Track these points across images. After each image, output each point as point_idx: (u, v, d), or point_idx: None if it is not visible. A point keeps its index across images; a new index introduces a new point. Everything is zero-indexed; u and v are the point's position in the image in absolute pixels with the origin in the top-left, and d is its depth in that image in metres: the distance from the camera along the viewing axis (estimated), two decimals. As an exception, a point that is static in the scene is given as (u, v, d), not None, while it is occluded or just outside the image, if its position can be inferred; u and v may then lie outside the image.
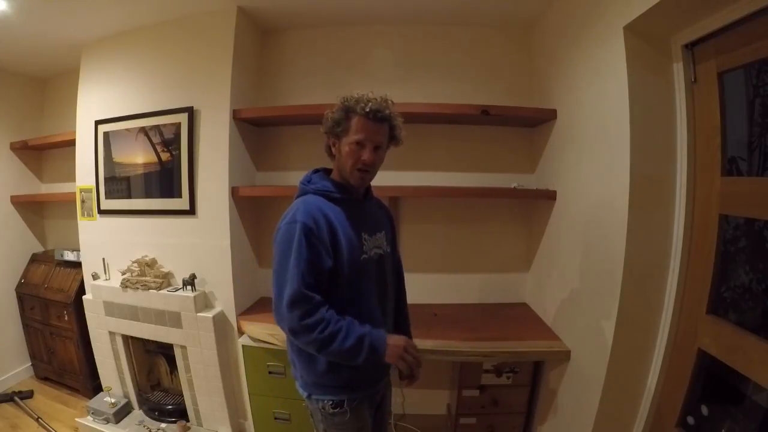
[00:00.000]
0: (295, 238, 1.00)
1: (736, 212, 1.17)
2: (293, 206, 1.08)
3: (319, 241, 1.02)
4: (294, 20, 2.09)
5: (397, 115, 1.11)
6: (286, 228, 1.03)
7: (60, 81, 2.67)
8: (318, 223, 1.02)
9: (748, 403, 1.13)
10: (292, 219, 1.03)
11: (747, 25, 1.04)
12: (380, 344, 1.02)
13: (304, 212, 1.03)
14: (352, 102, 1.05)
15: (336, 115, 1.07)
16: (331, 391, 1.12)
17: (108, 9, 1.86)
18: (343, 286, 1.07)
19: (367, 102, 1.04)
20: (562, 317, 1.76)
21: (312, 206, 1.05)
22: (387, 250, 1.22)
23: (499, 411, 1.83)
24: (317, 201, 1.07)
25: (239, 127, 1.98)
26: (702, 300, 1.22)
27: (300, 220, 1.01)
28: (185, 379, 2.07)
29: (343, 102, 1.06)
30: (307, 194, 1.11)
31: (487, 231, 2.20)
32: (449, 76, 2.12)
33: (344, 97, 1.07)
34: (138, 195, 2.08)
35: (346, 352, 0.99)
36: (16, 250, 2.68)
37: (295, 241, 1.00)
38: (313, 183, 1.12)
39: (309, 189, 1.11)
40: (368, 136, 1.06)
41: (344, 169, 1.10)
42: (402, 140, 1.16)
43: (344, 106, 1.06)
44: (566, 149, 1.75)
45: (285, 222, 1.04)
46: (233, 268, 1.95)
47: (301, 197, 1.11)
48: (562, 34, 1.74)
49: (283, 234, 1.03)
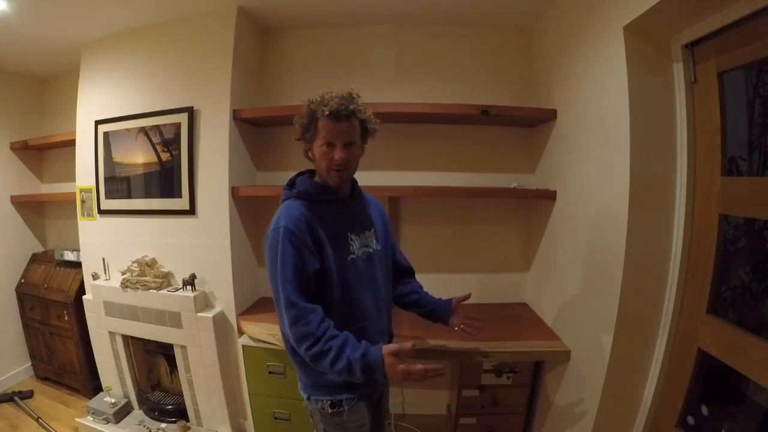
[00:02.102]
0: (279, 243, 1.02)
1: (736, 212, 1.17)
2: (277, 213, 1.10)
3: (302, 243, 1.03)
4: (294, 20, 2.09)
5: (364, 108, 1.09)
6: (272, 235, 1.05)
7: (60, 81, 2.67)
8: (299, 227, 1.04)
9: (748, 403, 1.13)
10: (275, 225, 1.05)
11: (747, 25, 1.04)
12: (376, 364, 0.98)
13: (285, 217, 1.05)
14: (315, 105, 1.04)
15: (303, 120, 1.08)
16: (329, 391, 1.12)
17: (108, 9, 1.86)
18: (333, 287, 1.07)
19: (329, 102, 1.02)
20: (562, 317, 1.76)
21: (294, 210, 1.07)
22: (377, 247, 1.21)
23: (499, 411, 1.83)
24: (298, 205, 1.09)
25: (239, 127, 1.98)
26: (702, 300, 1.22)
27: (282, 225, 1.03)
28: (185, 379, 2.07)
29: (309, 105, 1.06)
30: (290, 199, 1.12)
31: (487, 231, 2.20)
32: (449, 76, 2.12)
33: (309, 99, 1.06)
34: (138, 195, 2.08)
35: (338, 373, 0.99)
36: (16, 250, 2.68)
37: (280, 246, 1.02)
38: (296, 187, 1.14)
39: (291, 194, 1.13)
40: (336, 136, 1.04)
41: (321, 171, 1.11)
42: (374, 132, 1.15)
43: (309, 110, 1.06)
44: (566, 149, 1.75)
45: (270, 230, 1.07)
46: (233, 268, 1.95)
47: (284, 203, 1.13)
48: (562, 34, 1.74)
49: (269, 241, 1.06)
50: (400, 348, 0.99)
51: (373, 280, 1.18)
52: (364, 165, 2.15)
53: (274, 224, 1.07)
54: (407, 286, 1.41)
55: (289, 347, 1.13)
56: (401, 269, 1.42)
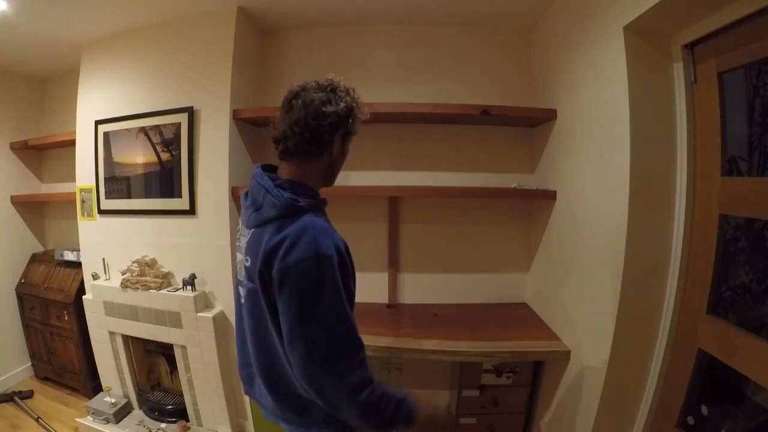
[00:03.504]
0: (328, 275, 0.81)
1: (736, 212, 1.17)
2: (300, 234, 0.82)
3: (347, 273, 0.87)
4: (294, 20, 2.09)
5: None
6: (317, 264, 0.80)
7: (60, 81, 2.67)
8: (345, 253, 0.87)
9: (748, 403, 1.13)
10: (314, 251, 0.80)
11: (747, 25, 1.04)
12: (412, 412, 0.92)
13: (328, 240, 0.83)
14: (358, 105, 0.94)
15: (359, 119, 0.94)
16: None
17: (108, 9, 1.86)
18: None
19: (362, 107, 0.95)
20: (562, 317, 1.76)
21: (329, 231, 0.87)
22: None
23: (499, 411, 1.83)
24: (322, 223, 0.88)
25: (239, 127, 1.98)
26: (702, 300, 1.22)
27: (333, 252, 0.82)
28: (185, 379, 2.07)
29: (360, 103, 0.94)
30: (306, 214, 0.87)
31: (487, 231, 2.20)
32: (449, 76, 2.12)
33: (354, 93, 0.94)
34: (138, 195, 2.08)
35: (383, 420, 0.86)
36: (16, 250, 2.68)
37: (329, 278, 0.81)
38: (303, 198, 0.88)
39: (304, 206, 0.87)
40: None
41: (338, 168, 0.99)
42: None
43: (351, 107, 0.92)
44: (566, 149, 1.75)
45: (308, 255, 0.80)
46: (233, 268, 1.95)
47: (298, 220, 0.85)
48: (562, 34, 1.74)
49: (310, 270, 0.80)
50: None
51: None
52: (365, 165, 2.19)
53: (309, 251, 0.80)
54: None
55: (336, 404, 0.86)
56: None
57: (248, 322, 0.97)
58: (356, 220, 2.15)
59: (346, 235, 0.92)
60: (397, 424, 0.89)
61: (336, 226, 0.94)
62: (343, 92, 0.91)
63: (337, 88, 0.91)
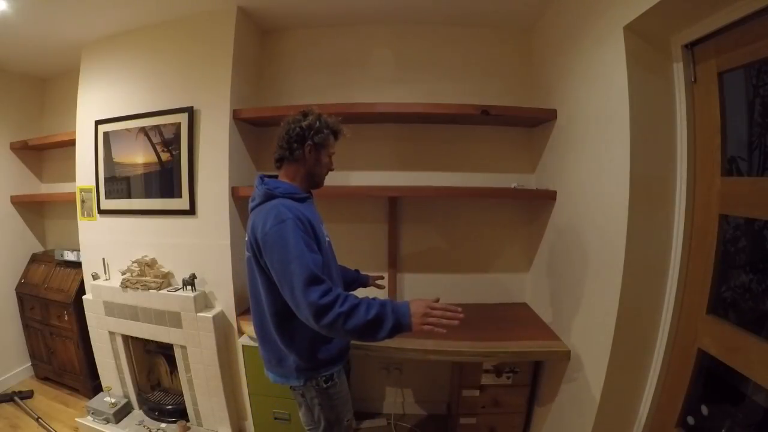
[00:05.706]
0: (289, 232, 1.09)
1: (736, 212, 1.17)
2: (269, 211, 1.14)
3: (307, 232, 1.14)
4: (294, 20, 2.09)
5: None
6: (278, 228, 1.09)
7: (60, 81, 2.67)
8: (302, 219, 1.14)
9: (748, 403, 1.13)
10: (279, 219, 1.11)
11: (747, 25, 1.04)
12: (403, 309, 1.07)
13: (285, 212, 1.12)
14: (333, 125, 1.27)
15: (324, 135, 1.25)
16: (323, 367, 1.24)
17: (108, 9, 1.86)
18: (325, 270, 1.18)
19: (340, 128, 1.30)
20: (561, 317, 1.76)
21: (291, 207, 1.16)
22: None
23: (499, 411, 1.83)
24: (288, 203, 1.18)
25: (239, 127, 1.98)
26: (702, 300, 1.22)
27: (290, 216, 1.11)
28: (185, 379, 2.07)
29: (325, 122, 1.26)
30: (276, 198, 1.19)
31: (487, 231, 2.20)
32: (449, 76, 2.12)
33: (320, 116, 1.26)
34: (138, 195, 2.08)
35: (371, 322, 1.03)
36: (16, 250, 2.68)
37: (290, 234, 1.08)
38: (280, 188, 1.22)
39: (277, 193, 1.20)
40: (335, 151, 1.34)
41: (318, 173, 1.30)
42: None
43: (330, 127, 1.27)
44: (566, 149, 1.75)
45: (272, 224, 1.10)
46: (233, 268, 1.95)
47: (271, 202, 1.19)
48: (562, 34, 1.74)
49: (276, 236, 1.09)
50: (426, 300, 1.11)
51: (335, 261, 1.39)
52: (365, 165, 2.19)
53: (274, 220, 1.11)
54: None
55: (288, 333, 1.20)
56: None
57: (249, 286, 1.27)
58: (356, 219, 2.15)
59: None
60: (389, 328, 1.05)
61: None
62: (312, 115, 1.25)
63: (309, 113, 1.26)
